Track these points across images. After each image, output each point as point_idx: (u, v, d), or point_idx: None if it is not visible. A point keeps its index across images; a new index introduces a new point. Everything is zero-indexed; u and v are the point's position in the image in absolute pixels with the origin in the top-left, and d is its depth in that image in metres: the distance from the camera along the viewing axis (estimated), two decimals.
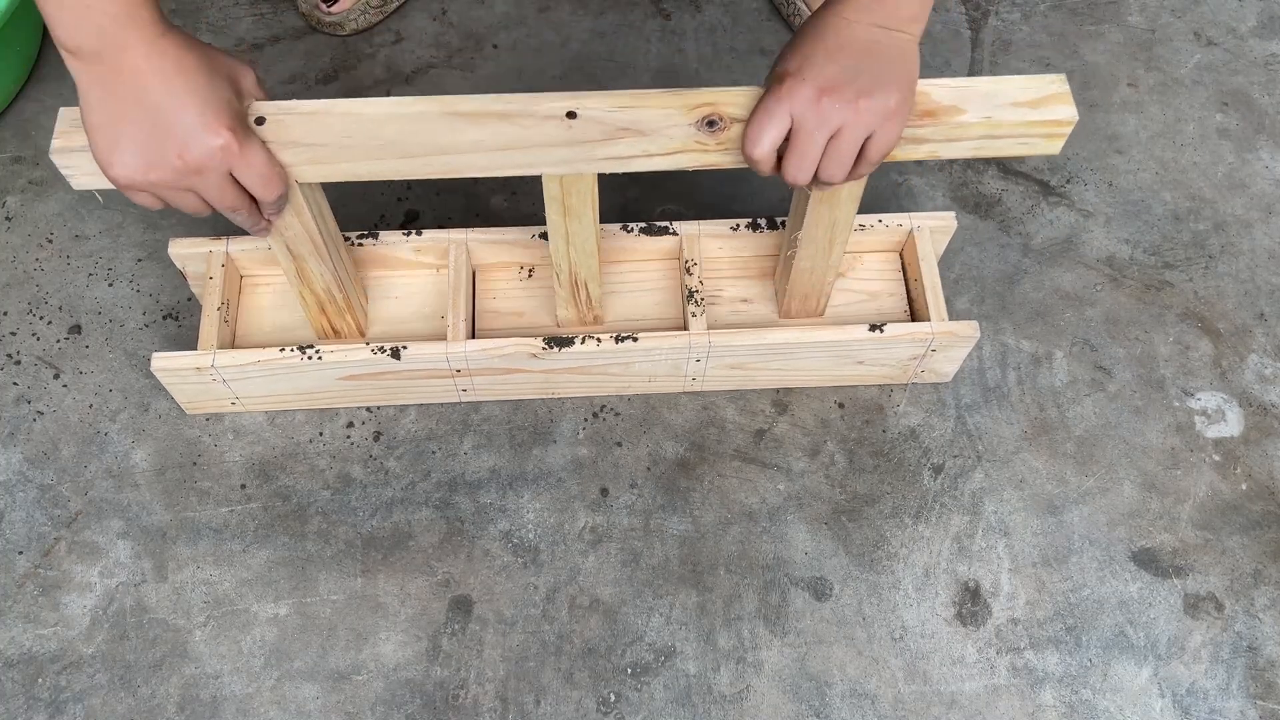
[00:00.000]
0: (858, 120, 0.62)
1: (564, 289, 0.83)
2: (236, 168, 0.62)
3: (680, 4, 1.14)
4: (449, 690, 0.78)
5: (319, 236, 0.74)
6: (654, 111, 0.66)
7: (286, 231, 0.73)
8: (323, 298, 0.81)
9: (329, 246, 0.76)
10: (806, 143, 0.63)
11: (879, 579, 0.83)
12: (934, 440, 0.89)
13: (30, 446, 0.87)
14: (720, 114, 0.66)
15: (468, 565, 0.83)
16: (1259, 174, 1.04)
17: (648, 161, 0.68)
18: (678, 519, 0.85)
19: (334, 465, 0.87)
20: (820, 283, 0.85)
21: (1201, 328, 0.95)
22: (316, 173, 0.67)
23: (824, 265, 0.82)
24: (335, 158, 0.66)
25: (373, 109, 0.66)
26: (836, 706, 0.78)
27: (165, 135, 0.59)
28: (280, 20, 1.12)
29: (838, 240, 0.79)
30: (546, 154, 0.67)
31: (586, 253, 0.78)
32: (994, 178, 1.03)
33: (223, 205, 0.64)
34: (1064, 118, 0.69)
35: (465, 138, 0.66)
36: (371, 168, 0.67)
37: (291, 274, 0.78)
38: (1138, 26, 1.14)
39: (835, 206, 0.75)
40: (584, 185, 0.71)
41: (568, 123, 0.66)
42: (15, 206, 0.99)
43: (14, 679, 0.78)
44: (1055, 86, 0.69)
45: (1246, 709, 0.79)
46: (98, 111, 0.60)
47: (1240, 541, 0.85)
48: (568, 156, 0.67)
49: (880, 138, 0.64)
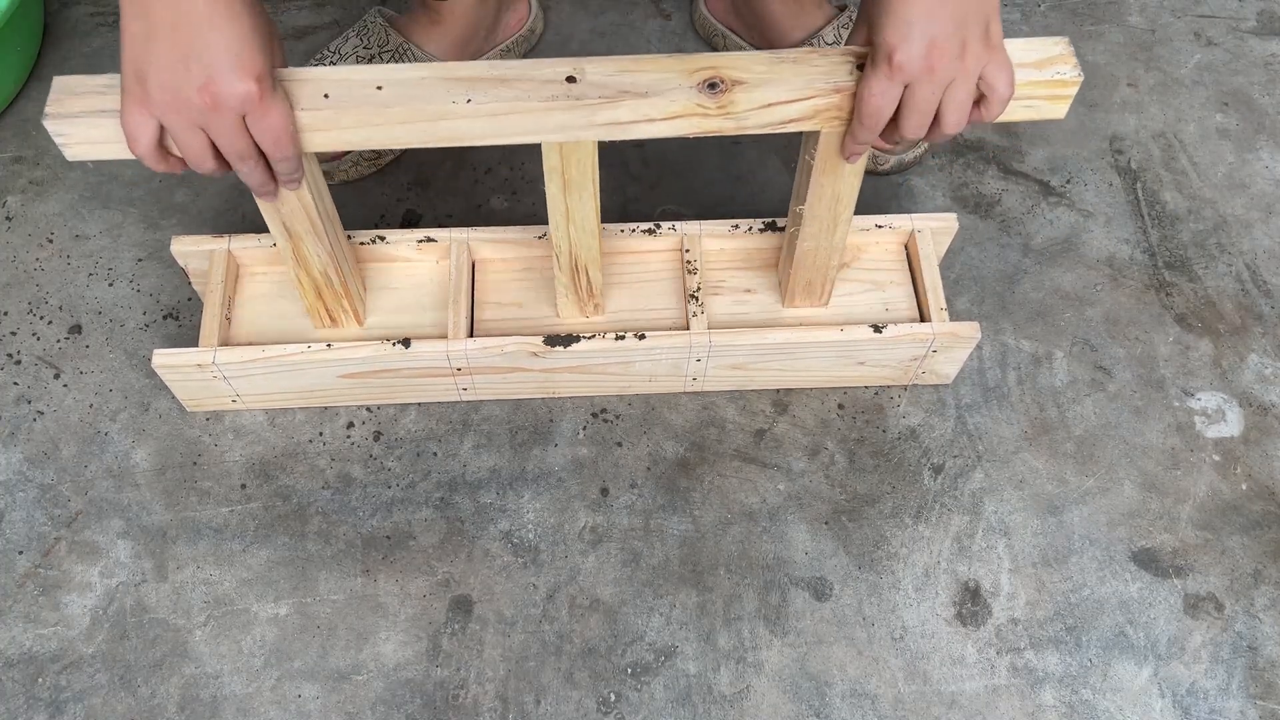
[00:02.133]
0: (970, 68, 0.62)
1: (564, 274, 0.82)
2: (253, 116, 0.61)
3: (680, 4, 1.14)
4: (449, 690, 0.78)
5: (315, 213, 0.73)
6: (654, 74, 0.65)
7: (283, 207, 0.72)
8: (319, 281, 0.80)
9: (325, 225, 0.75)
10: (923, 103, 0.63)
11: (879, 579, 0.83)
12: (934, 440, 0.89)
13: (30, 446, 0.87)
14: (721, 76, 0.65)
15: (468, 565, 0.83)
16: (1259, 174, 1.04)
17: (649, 127, 0.67)
18: (678, 519, 0.85)
19: (334, 465, 0.87)
20: (825, 266, 0.84)
21: (1201, 328, 0.95)
22: (309, 141, 0.66)
23: (828, 245, 0.81)
24: (329, 124, 0.65)
25: (369, 74, 0.65)
26: (836, 706, 0.78)
27: (195, 63, 0.58)
28: (281, 20, 1.12)
29: (841, 217, 0.78)
30: (545, 119, 0.66)
31: (587, 231, 0.77)
32: (994, 178, 1.03)
33: (232, 150, 0.62)
34: (1069, 78, 0.67)
35: (463, 102, 0.64)
36: (368, 135, 0.66)
37: (288, 255, 0.77)
38: (1138, 26, 1.14)
39: (838, 179, 0.74)
40: (584, 155, 0.70)
41: (567, 86, 0.65)
42: (15, 206, 0.99)
43: (14, 679, 0.78)
44: (1059, 48, 0.68)
45: (1246, 709, 0.79)
46: (136, 23, 0.59)
47: (1240, 541, 0.85)
48: (567, 122, 0.66)
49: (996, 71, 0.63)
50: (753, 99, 0.66)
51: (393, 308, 0.88)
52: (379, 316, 0.88)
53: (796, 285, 0.86)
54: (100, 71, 1.07)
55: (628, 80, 0.65)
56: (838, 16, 1.01)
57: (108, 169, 1.01)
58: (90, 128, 0.65)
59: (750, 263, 0.91)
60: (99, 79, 0.66)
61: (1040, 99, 0.68)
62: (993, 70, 0.64)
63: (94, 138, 0.66)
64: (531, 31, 1.08)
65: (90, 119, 0.64)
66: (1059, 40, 0.68)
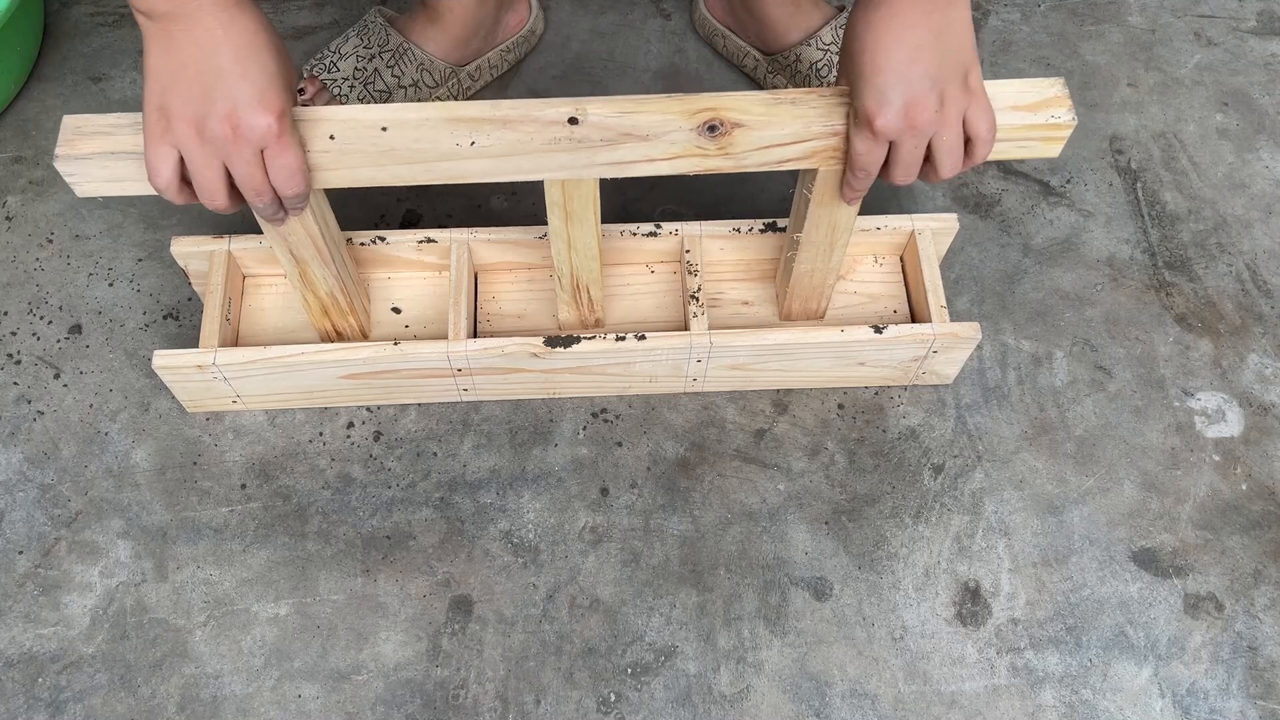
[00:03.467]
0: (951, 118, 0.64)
1: (565, 292, 0.83)
2: (271, 151, 0.63)
3: (680, 4, 1.14)
4: (449, 690, 0.78)
5: (321, 240, 0.74)
6: (655, 116, 0.66)
7: (290, 236, 0.73)
8: (326, 301, 0.82)
9: (331, 251, 0.76)
10: (908, 156, 0.65)
11: (879, 579, 0.83)
12: (934, 440, 0.89)
13: (30, 446, 0.87)
14: (722, 119, 0.66)
15: (468, 565, 0.83)
16: (1259, 174, 1.04)
17: (650, 166, 0.68)
18: (678, 519, 0.85)
19: (334, 465, 0.87)
20: (821, 285, 0.85)
21: (1201, 328, 0.95)
22: (318, 179, 0.67)
23: (824, 268, 0.82)
24: (335, 164, 0.66)
25: (374, 115, 0.66)
26: (836, 706, 0.78)
27: (220, 97, 0.60)
28: (280, 20, 1.12)
29: (838, 243, 0.79)
30: (548, 160, 0.67)
31: (588, 256, 0.78)
32: (994, 178, 1.03)
33: (249, 185, 0.64)
34: (1063, 121, 0.69)
35: (467, 144, 0.66)
36: (372, 174, 0.67)
37: (295, 278, 0.78)
38: (1138, 26, 1.14)
39: (835, 209, 0.75)
40: (586, 190, 0.71)
41: (570, 129, 0.66)
42: (15, 206, 0.99)
43: (14, 679, 0.78)
44: (1054, 90, 0.69)
45: (1246, 709, 0.79)
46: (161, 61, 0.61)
47: (1240, 541, 0.85)
48: (569, 162, 0.67)
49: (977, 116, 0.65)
50: (751, 140, 0.67)
51: (397, 320, 0.89)
52: (384, 329, 0.89)
53: (794, 302, 0.87)
54: (100, 71, 1.07)
55: (629, 122, 0.66)
56: (835, 17, 1.01)
57: None
58: (100, 168, 0.67)
59: (749, 273, 0.92)
60: (107, 118, 0.67)
61: (1035, 140, 0.70)
62: (974, 114, 0.65)
63: (103, 176, 0.67)
64: (532, 32, 1.08)
65: (100, 160, 0.66)
66: (1054, 82, 0.69)
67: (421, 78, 1.00)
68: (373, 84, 0.98)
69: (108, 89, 1.06)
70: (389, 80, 0.98)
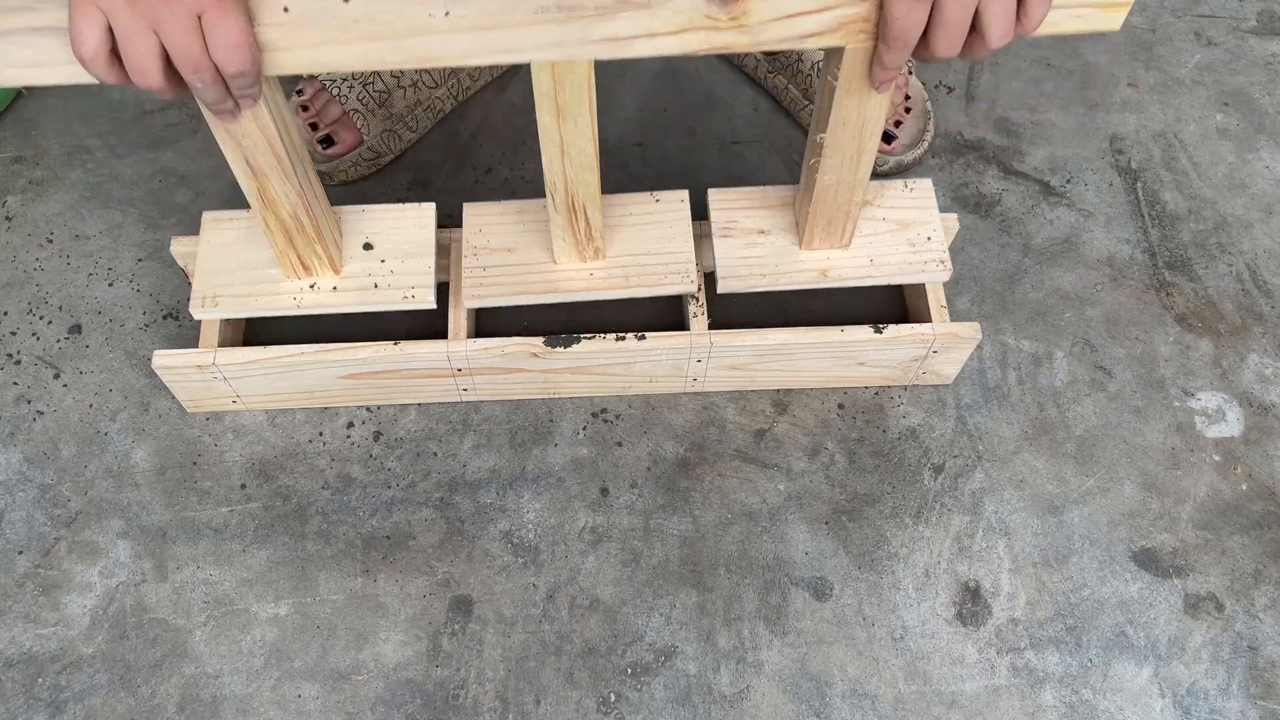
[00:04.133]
0: None
1: (560, 214, 0.76)
2: (209, 16, 0.55)
3: None
4: (449, 690, 0.78)
5: (280, 145, 0.67)
6: None
7: (245, 139, 0.65)
8: (289, 225, 0.74)
9: (293, 161, 0.69)
10: (954, 16, 0.57)
11: (879, 579, 0.83)
12: (934, 440, 0.89)
13: (30, 446, 0.87)
14: None
15: (468, 565, 0.83)
16: (1259, 174, 1.04)
17: (651, 42, 0.60)
18: (678, 519, 0.85)
19: (334, 465, 0.87)
20: (846, 204, 0.77)
21: (1202, 328, 0.95)
22: (271, 61, 0.60)
23: (851, 180, 0.75)
24: (291, 41, 0.59)
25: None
26: (837, 706, 0.78)
27: None
28: None
29: (866, 147, 0.72)
30: (536, 34, 0.59)
31: (583, 165, 0.71)
32: (994, 178, 1.03)
33: (185, 58, 0.56)
34: None
35: (441, 14, 0.58)
36: (335, 55, 0.60)
37: (254, 197, 0.72)
38: (1138, 26, 1.14)
39: (864, 100, 0.67)
40: (579, 77, 0.64)
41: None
42: (15, 206, 0.99)
43: (14, 679, 0.78)
44: None
45: (1246, 709, 0.79)
46: None
47: (1240, 541, 0.85)
48: (559, 38, 0.59)
49: None
50: (770, 8, 0.60)
51: (371, 255, 0.82)
52: (358, 264, 0.82)
53: (816, 225, 0.79)
54: None
55: None
56: None
57: (108, 169, 1.01)
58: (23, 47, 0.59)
59: (765, 199, 0.84)
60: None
61: (1091, 7, 0.61)
62: None
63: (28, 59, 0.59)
64: None
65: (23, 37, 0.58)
66: None
67: (421, 77, 1.00)
68: (372, 84, 0.98)
69: (108, 88, 1.06)
70: (388, 80, 0.98)
